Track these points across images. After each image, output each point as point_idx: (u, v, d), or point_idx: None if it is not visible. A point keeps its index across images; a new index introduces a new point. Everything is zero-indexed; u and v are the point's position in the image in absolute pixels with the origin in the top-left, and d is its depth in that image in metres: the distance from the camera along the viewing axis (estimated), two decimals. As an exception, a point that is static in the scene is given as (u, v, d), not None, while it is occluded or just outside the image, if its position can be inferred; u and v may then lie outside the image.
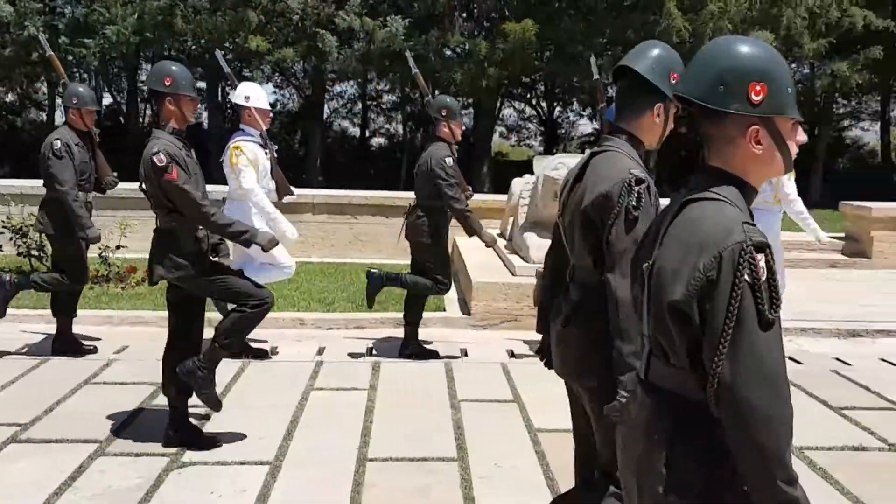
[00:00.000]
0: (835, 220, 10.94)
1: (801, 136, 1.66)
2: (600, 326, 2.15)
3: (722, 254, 1.40)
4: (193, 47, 16.66)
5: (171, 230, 3.59)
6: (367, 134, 25.88)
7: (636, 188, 2.10)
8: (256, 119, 4.98)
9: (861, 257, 9.11)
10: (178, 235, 3.58)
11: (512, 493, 3.31)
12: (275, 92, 23.82)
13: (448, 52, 16.96)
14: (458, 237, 8.53)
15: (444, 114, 5.05)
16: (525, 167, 6.90)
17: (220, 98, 21.30)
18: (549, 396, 4.49)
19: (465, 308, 6.44)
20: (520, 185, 7.71)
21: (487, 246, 5.27)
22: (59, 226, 4.89)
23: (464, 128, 5.20)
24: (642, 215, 2.08)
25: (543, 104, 25.50)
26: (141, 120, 22.09)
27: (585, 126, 27.36)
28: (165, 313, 3.84)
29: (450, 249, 5.35)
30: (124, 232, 7.30)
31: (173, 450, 3.63)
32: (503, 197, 8.68)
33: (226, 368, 4.90)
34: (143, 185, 3.61)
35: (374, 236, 8.81)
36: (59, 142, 4.81)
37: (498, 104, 21.58)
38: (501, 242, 7.67)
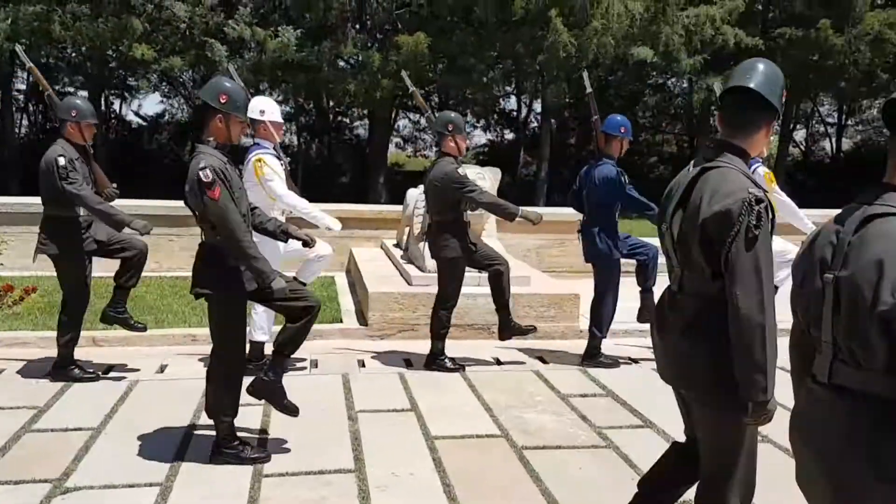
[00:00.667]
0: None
1: None
2: (718, 339, 2.19)
3: None
4: (74, 55, 15.90)
5: (214, 247, 3.57)
6: (261, 145, 25.38)
7: (756, 207, 2.13)
8: (271, 132, 5.04)
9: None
10: (222, 253, 3.55)
11: (409, 501, 3.34)
12: (162, 101, 23.07)
13: (342, 64, 16.91)
14: (353, 248, 8.54)
15: (449, 129, 5.12)
16: (421, 178, 7.00)
17: (104, 109, 20.40)
18: (446, 404, 4.59)
19: (361, 319, 6.44)
20: (414, 195, 7.78)
21: (535, 223, 5.22)
22: (63, 245, 4.73)
23: (467, 142, 5.24)
24: (762, 234, 2.13)
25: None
26: (17, 131, 20.80)
27: (479, 137, 27.89)
28: (46, 333, 3.67)
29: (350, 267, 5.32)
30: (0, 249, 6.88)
31: (56, 475, 3.46)
32: (399, 207, 8.73)
33: (113, 388, 4.71)
34: (187, 199, 3.56)
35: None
36: (62, 158, 4.64)
37: (393, 115, 21.69)
38: (398, 252, 7.72)
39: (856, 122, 26.35)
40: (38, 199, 4.97)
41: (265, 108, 5.09)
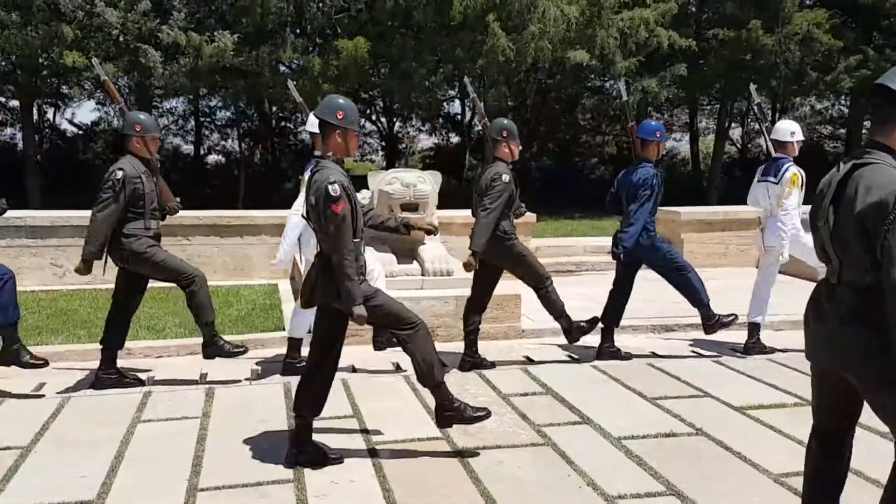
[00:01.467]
0: (651, 225, 11.84)
1: None
2: (879, 323, 2.36)
3: None
4: (3, 63, 15.38)
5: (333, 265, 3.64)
6: (202, 151, 24.96)
7: None
8: (794, 150, 5.70)
9: (674, 257, 9.92)
10: (340, 267, 3.62)
11: (349, 508, 3.33)
12: (97, 109, 22.46)
13: (283, 68, 16.73)
14: (295, 253, 8.45)
15: (504, 135, 5.32)
16: (366, 182, 6.99)
17: (37, 118, 19.77)
18: (388, 409, 4.58)
19: (304, 326, 6.38)
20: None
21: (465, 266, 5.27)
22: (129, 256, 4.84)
23: (519, 147, 5.42)
24: None
25: (383, 120, 25.74)
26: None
27: (426, 141, 27.92)
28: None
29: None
30: None
31: (-20, 500, 3.35)
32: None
33: (45, 405, 4.58)
34: (306, 211, 3.73)
35: (207, 258, 8.52)
36: (120, 172, 4.75)
37: (337, 120, 21.49)
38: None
39: (789, 119, 27.25)
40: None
41: (794, 129, 5.73)
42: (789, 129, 5.98)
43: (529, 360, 5.77)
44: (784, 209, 5.75)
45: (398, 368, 5.49)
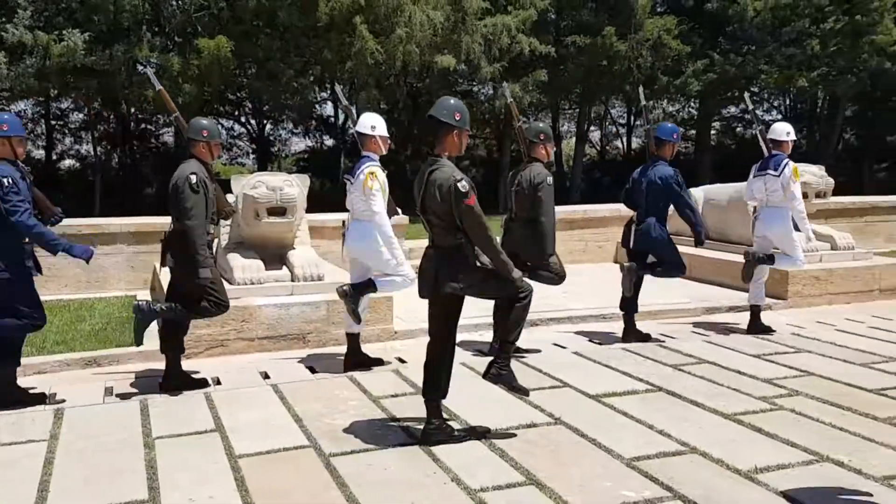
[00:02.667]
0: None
1: None
2: None
3: None
4: None
5: (459, 247, 4.01)
6: (54, 157, 23.42)
7: None
8: (380, 146, 5.47)
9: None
10: (465, 253, 4.01)
11: (209, 524, 3.23)
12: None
13: (140, 68, 15.98)
14: (157, 264, 8.09)
15: (541, 137, 5.82)
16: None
17: None
18: (254, 421, 4.48)
19: (165, 339, 6.11)
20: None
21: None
22: (184, 261, 4.91)
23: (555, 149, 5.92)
24: None
25: (253, 122, 25.09)
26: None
27: (299, 144, 27.44)
28: None
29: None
30: None
31: None
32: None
33: None
34: (430, 206, 3.98)
35: (57, 270, 7.99)
36: (195, 176, 4.86)
37: (202, 122, 20.74)
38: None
39: (644, 122, 28.83)
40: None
41: (376, 123, 5.47)
42: (785, 130, 6.68)
43: (401, 361, 5.80)
44: (793, 197, 6.48)
45: (312, 371, 5.39)
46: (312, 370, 5.59)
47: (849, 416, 4.50)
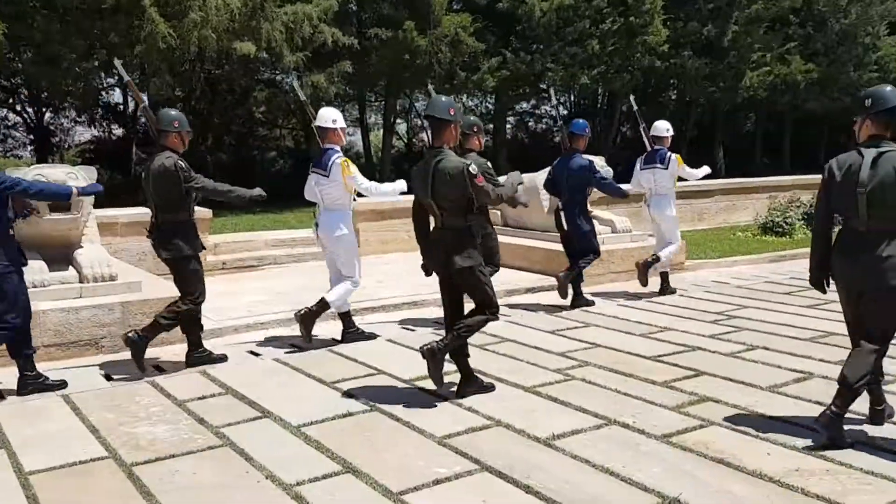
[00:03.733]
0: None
1: None
2: None
3: None
4: None
5: (469, 227, 4.59)
6: None
7: None
8: (341, 137, 6.02)
9: (350, 247, 10.31)
10: (473, 232, 4.60)
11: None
12: None
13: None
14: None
15: (475, 129, 6.19)
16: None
17: None
18: (45, 434, 4.13)
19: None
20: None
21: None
22: (184, 247, 5.28)
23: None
24: None
25: (30, 110, 22.70)
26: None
27: (84, 133, 25.24)
28: None
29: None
30: None
31: None
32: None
33: None
34: (439, 190, 4.51)
35: None
36: (182, 162, 5.23)
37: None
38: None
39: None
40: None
41: (336, 117, 5.94)
42: (665, 127, 7.95)
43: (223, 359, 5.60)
44: (690, 175, 7.85)
45: (60, 385, 4.95)
46: (108, 377, 5.25)
47: (631, 382, 5.00)
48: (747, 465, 3.66)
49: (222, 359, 5.56)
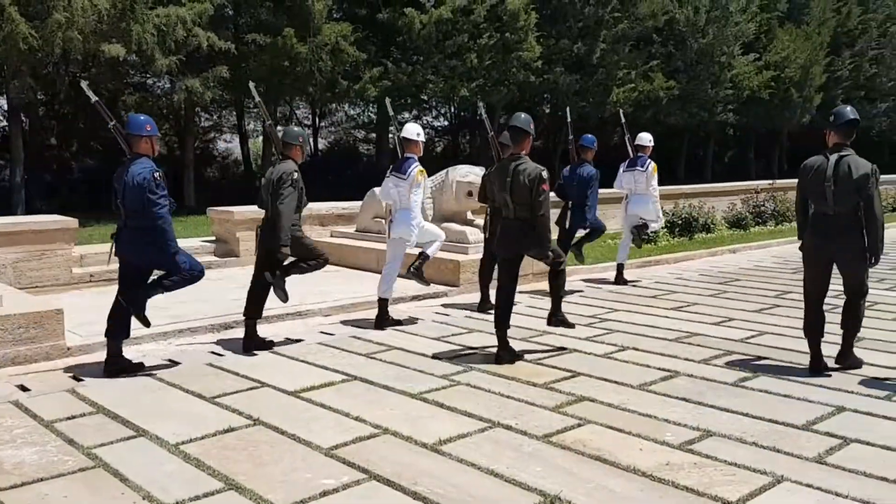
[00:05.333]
0: (206, 225, 11.76)
1: None
2: (861, 232, 5.21)
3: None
4: None
5: (535, 220, 5.56)
6: None
7: (877, 172, 5.15)
8: (420, 149, 6.94)
9: (231, 256, 10.05)
10: (544, 226, 5.59)
11: None
12: None
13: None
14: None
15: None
16: None
17: None
18: None
19: None
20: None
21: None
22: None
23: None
24: (877, 183, 5.18)
25: None
26: None
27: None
28: None
29: None
30: None
31: None
32: None
33: None
34: (516, 189, 5.57)
35: None
36: (296, 173, 5.93)
37: None
38: None
39: (328, 123, 29.46)
40: None
41: (419, 131, 6.98)
42: (647, 138, 9.16)
43: (77, 380, 5.30)
44: (652, 186, 9.04)
45: None
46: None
47: (514, 385, 5.16)
48: (622, 461, 3.86)
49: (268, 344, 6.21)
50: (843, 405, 4.69)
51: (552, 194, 8.96)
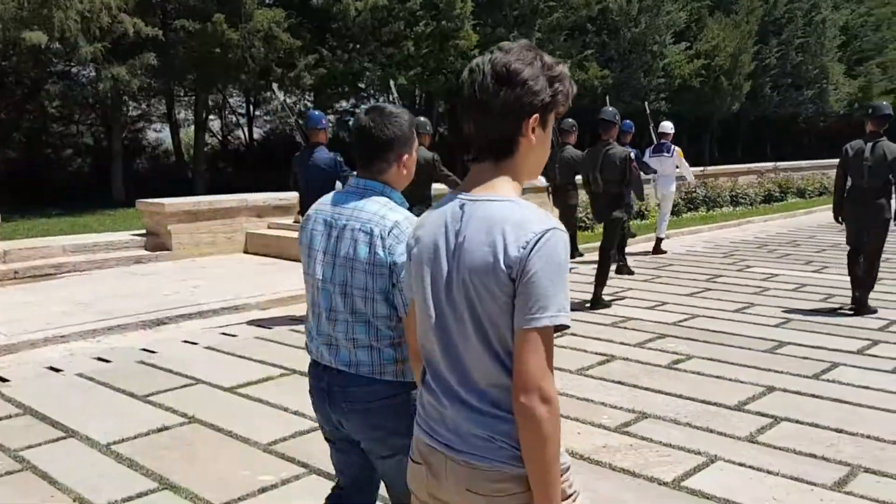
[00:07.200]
0: (136, 218, 11.41)
1: None
2: (888, 200, 6.66)
3: None
4: None
5: (621, 193, 7.24)
6: None
7: None
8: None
9: (163, 250, 9.77)
10: (624, 195, 7.25)
11: None
12: None
13: None
14: None
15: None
16: None
17: None
18: None
19: None
20: None
21: None
22: None
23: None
24: None
25: None
26: None
27: None
28: None
29: None
30: None
31: None
32: None
33: None
34: (607, 169, 7.24)
35: None
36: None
37: None
38: None
39: (263, 112, 28.87)
40: None
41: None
42: (670, 126, 10.86)
43: (3, 380, 5.08)
44: (685, 166, 10.79)
45: None
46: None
47: (454, 374, 5.15)
48: (561, 445, 3.91)
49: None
50: (773, 385, 4.86)
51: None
